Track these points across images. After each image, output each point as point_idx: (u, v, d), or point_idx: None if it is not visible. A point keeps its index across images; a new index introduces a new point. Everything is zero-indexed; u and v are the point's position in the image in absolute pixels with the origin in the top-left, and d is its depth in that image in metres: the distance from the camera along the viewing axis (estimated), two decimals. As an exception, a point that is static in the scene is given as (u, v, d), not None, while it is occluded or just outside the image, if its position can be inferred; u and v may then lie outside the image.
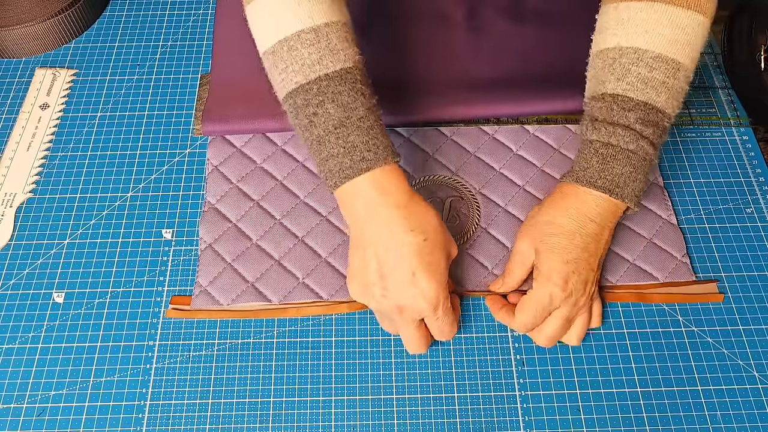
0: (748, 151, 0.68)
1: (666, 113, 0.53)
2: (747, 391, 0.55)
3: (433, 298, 0.51)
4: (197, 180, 0.66)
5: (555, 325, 0.54)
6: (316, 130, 0.52)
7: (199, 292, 0.59)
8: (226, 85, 0.71)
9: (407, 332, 0.54)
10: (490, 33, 0.75)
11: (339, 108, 0.51)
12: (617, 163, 0.52)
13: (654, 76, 0.52)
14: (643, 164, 0.53)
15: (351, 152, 0.51)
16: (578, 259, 0.52)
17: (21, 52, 0.76)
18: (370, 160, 0.51)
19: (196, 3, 0.81)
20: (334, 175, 0.52)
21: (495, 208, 0.64)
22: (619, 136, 0.53)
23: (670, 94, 0.53)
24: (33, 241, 0.63)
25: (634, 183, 0.53)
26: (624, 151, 0.52)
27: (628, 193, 0.53)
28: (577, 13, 0.77)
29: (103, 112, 0.71)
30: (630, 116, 0.52)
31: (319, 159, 0.53)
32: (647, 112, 0.52)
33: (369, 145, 0.51)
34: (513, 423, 0.54)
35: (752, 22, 0.70)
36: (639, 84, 0.52)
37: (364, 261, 0.52)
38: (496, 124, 0.69)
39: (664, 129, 0.53)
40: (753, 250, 0.62)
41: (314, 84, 0.51)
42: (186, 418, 0.54)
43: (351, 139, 0.51)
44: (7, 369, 0.56)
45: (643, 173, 0.53)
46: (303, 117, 0.52)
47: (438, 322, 0.53)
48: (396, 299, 0.51)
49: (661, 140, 0.54)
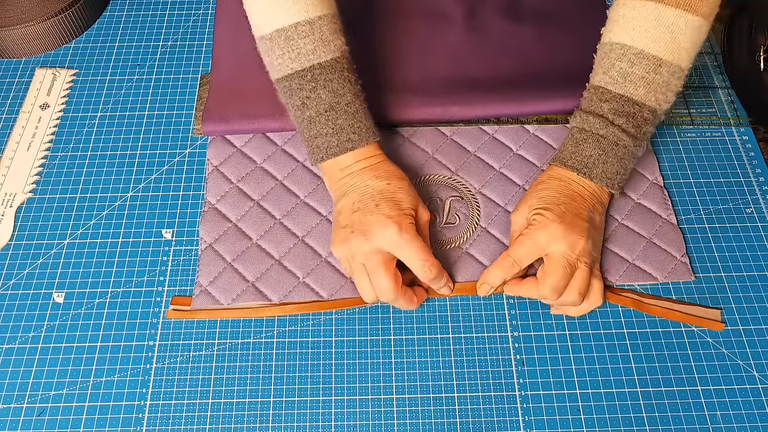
0: (748, 151, 0.68)
1: (646, 105, 0.57)
2: (747, 391, 0.55)
3: (395, 217, 0.55)
4: (197, 180, 0.66)
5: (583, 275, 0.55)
6: (308, 112, 0.59)
7: (200, 291, 0.59)
8: (226, 85, 0.71)
9: (379, 275, 0.54)
10: (490, 33, 0.75)
11: (330, 94, 0.58)
12: (587, 146, 0.58)
13: (634, 71, 0.57)
14: (615, 149, 0.58)
15: (338, 133, 0.58)
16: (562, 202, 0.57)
17: (21, 52, 0.76)
18: (355, 140, 0.58)
19: (196, 3, 0.81)
20: (321, 151, 0.59)
21: (495, 207, 0.64)
22: (590, 122, 0.58)
23: (650, 88, 0.57)
24: (33, 241, 0.63)
25: (603, 165, 0.58)
26: (594, 135, 0.58)
27: (597, 173, 0.58)
28: (577, 13, 0.77)
29: (103, 112, 0.71)
30: (604, 106, 0.58)
31: (308, 135, 0.59)
32: (622, 104, 0.57)
33: (354, 127, 0.58)
34: (513, 423, 0.54)
35: (752, 22, 0.70)
36: (619, 78, 0.58)
37: (339, 213, 0.58)
38: (496, 123, 0.69)
39: (644, 119, 0.58)
40: (753, 250, 0.62)
41: (308, 72, 0.58)
42: (186, 418, 0.54)
43: (339, 122, 0.58)
44: (7, 369, 0.56)
45: (615, 157, 0.58)
46: (296, 98, 0.59)
47: (410, 252, 0.55)
48: (362, 228, 0.55)
49: (640, 130, 0.58)
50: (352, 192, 0.58)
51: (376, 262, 0.55)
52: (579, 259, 0.55)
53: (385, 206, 0.56)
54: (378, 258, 0.55)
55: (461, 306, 0.59)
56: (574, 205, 0.57)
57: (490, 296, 0.59)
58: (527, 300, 0.59)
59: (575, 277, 0.55)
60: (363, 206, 0.57)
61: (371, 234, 0.55)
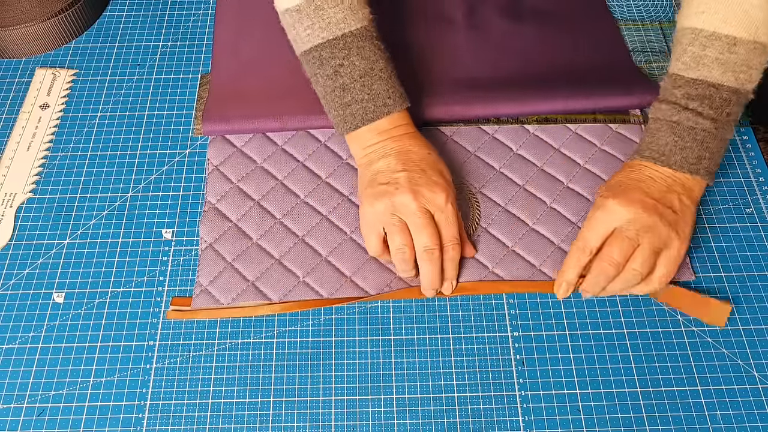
0: (748, 151, 0.68)
1: (724, 86, 0.56)
2: (747, 391, 0.55)
3: (444, 185, 0.58)
4: (197, 180, 0.66)
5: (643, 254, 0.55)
6: (341, 79, 0.59)
7: (200, 291, 0.59)
8: (226, 85, 0.71)
9: (422, 230, 0.56)
10: (490, 32, 0.75)
11: (363, 60, 0.59)
12: (662, 134, 0.58)
13: (707, 54, 0.56)
14: (692, 133, 0.57)
15: (375, 99, 0.59)
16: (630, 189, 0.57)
17: (21, 52, 0.76)
18: (390, 105, 0.60)
19: (196, 3, 0.81)
20: (356, 118, 0.60)
21: (495, 207, 0.64)
22: (663, 111, 0.58)
23: (726, 68, 0.56)
24: (33, 241, 0.63)
25: (682, 151, 0.57)
26: (668, 123, 0.58)
27: (676, 160, 0.57)
28: (577, 13, 0.77)
29: (103, 112, 0.71)
30: (677, 93, 0.58)
31: (340, 104, 0.60)
32: (696, 87, 0.57)
33: (389, 92, 0.60)
34: (513, 423, 0.54)
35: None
36: (692, 63, 0.57)
37: (376, 171, 0.59)
38: (496, 123, 0.69)
39: (724, 100, 0.57)
40: (753, 250, 0.62)
41: (340, 40, 0.59)
42: (186, 418, 0.54)
43: (375, 87, 0.59)
44: (7, 369, 0.56)
45: (694, 141, 0.57)
46: (328, 67, 0.59)
47: (449, 225, 0.57)
48: (411, 187, 0.57)
49: (721, 111, 0.57)
50: (393, 154, 0.59)
51: (423, 219, 0.57)
52: (639, 234, 0.54)
53: (432, 173, 0.58)
54: (425, 216, 0.57)
55: (461, 306, 0.59)
56: (640, 186, 0.57)
57: (490, 296, 0.59)
58: (527, 300, 0.59)
59: (635, 255, 0.55)
60: (409, 168, 0.58)
61: (420, 194, 0.57)
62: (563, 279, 0.58)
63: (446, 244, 0.58)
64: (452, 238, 0.58)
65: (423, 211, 0.57)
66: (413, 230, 0.57)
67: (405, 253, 0.57)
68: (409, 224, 0.57)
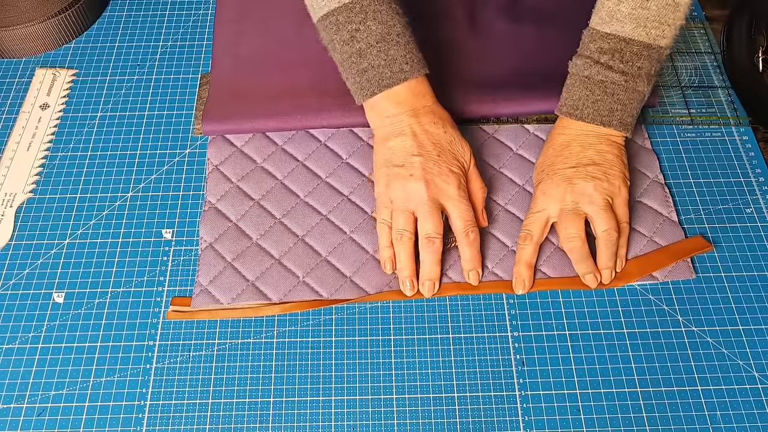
0: (748, 151, 0.68)
1: (635, 40, 0.58)
2: (747, 391, 0.55)
3: (457, 172, 0.59)
4: (197, 180, 0.66)
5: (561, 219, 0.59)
6: (358, 44, 0.58)
7: (200, 291, 0.59)
8: (226, 85, 0.71)
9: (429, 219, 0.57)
10: (490, 32, 0.75)
11: (380, 25, 0.58)
12: (575, 89, 0.61)
13: (620, 9, 0.58)
14: (601, 86, 0.59)
15: (391, 64, 0.59)
16: (552, 164, 0.61)
17: (21, 52, 0.76)
18: (407, 71, 0.59)
19: (196, 3, 0.81)
20: (373, 84, 0.59)
21: (495, 207, 0.64)
22: (577, 66, 0.61)
23: (638, 23, 0.58)
24: (33, 241, 0.63)
25: (594, 104, 0.60)
26: (580, 77, 0.60)
27: (588, 113, 0.60)
28: (576, 12, 0.77)
29: (103, 112, 0.71)
30: (591, 46, 0.60)
31: (357, 70, 0.59)
32: (608, 41, 0.59)
33: (406, 58, 0.59)
34: (513, 423, 0.54)
35: (752, 22, 0.70)
36: (606, 17, 0.59)
37: (392, 151, 0.59)
38: (496, 123, 0.69)
39: (635, 54, 0.58)
40: (753, 250, 0.62)
41: (357, 3, 0.58)
42: (186, 418, 0.54)
43: (391, 52, 0.58)
44: (7, 369, 0.56)
45: (605, 94, 0.59)
46: (345, 32, 0.59)
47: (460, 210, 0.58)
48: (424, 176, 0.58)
49: (632, 65, 0.59)
50: (410, 134, 0.59)
51: (431, 209, 0.57)
52: (578, 205, 0.58)
53: (447, 157, 0.59)
54: (433, 206, 0.58)
55: (461, 306, 0.59)
56: (560, 157, 0.60)
57: (490, 296, 0.59)
58: (527, 300, 0.59)
59: (594, 222, 0.59)
60: (425, 153, 0.59)
61: (433, 184, 0.58)
62: (516, 275, 0.59)
63: (463, 231, 0.58)
64: (467, 223, 0.58)
65: (432, 201, 0.58)
66: (420, 218, 0.58)
67: (404, 236, 0.58)
68: (416, 212, 0.58)
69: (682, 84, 0.74)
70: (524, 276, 0.59)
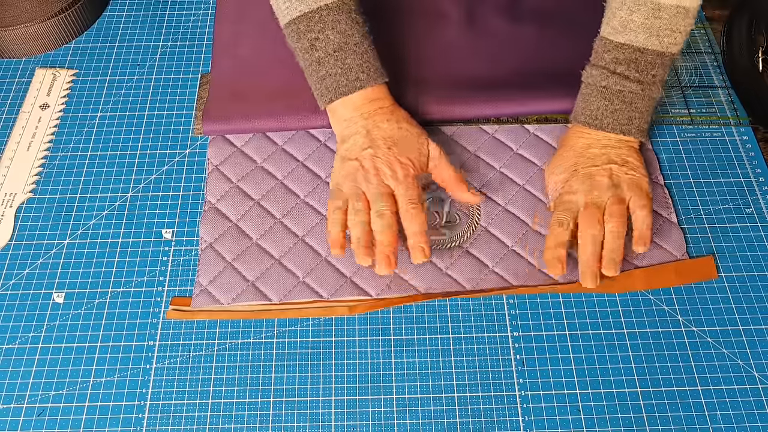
0: (748, 151, 0.68)
1: (648, 50, 0.60)
2: (747, 391, 0.55)
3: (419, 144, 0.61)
4: (197, 180, 0.66)
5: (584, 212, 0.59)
6: (317, 53, 0.60)
7: (200, 291, 0.59)
8: (226, 85, 0.71)
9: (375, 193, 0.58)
10: (489, 32, 0.75)
11: (338, 34, 0.60)
12: (593, 99, 0.62)
13: (633, 19, 0.59)
14: (619, 96, 0.61)
15: (347, 73, 0.60)
16: (575, 164, 0.62)
17: (21, 52, 0.76)
18: (363, 79, 0.61)
19: (196, 3, 0.81)
20: (330, 92, 0.61)
21: (495, 207, 0.64)
22: (593, 76, 0.62)
23: (651, 32, 0.59)
24: (33, 241, 0.63)
25: (613, 114, 0.61)
26: (598, 87, 0.62)
27: (608, 123, 0.62)
28: (576, 12, 0.77)
29: (103, 112, 0.71)
30: (606, 57, 0.61)
31: (317, 77, 0.61)
32: (623, 52, 0.60)
33: (363, 67, 0.61)
34: (513, 423, 0.54)
35: (752, 22, 0.70)
36: (620, 27, 0.60)
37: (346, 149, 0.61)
38: (496, 123, 0.69)
39: (649, 63, 0.60)
40: (753, 250, 0.62)
41: (316, 13, 0.59)
42: (186, 418, 0.54)
43: (348, 61, 0.60)
44: (7, 369, 0.56)
45: (623, 103, 0.61)
46: (305, 41, 0.60)
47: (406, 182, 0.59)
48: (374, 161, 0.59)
49: (647, 74, 0.60)
50: (363, 132, 0.61)
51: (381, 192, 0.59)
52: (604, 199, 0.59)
53: (398, 149, 0.60)
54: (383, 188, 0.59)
55: (461, 306, 0.59)
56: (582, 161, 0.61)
57: (490, 296, 0.59)
58: (527, 300, 0.59)
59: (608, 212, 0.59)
60: (375, 146, 0.60)
61: (381, 171, 0.59)
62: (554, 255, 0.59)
63: (404, 207, 0.59)
64: (409, 201, 0.59)
65: (382, 185, 0.59)
66: (370, 199, 0.59)
67: (359, 213, 0.58)
68: (368, 195, 0.59)
69: (682, 84, 0.74)
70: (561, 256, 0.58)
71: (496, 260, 0.61)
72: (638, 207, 0.60)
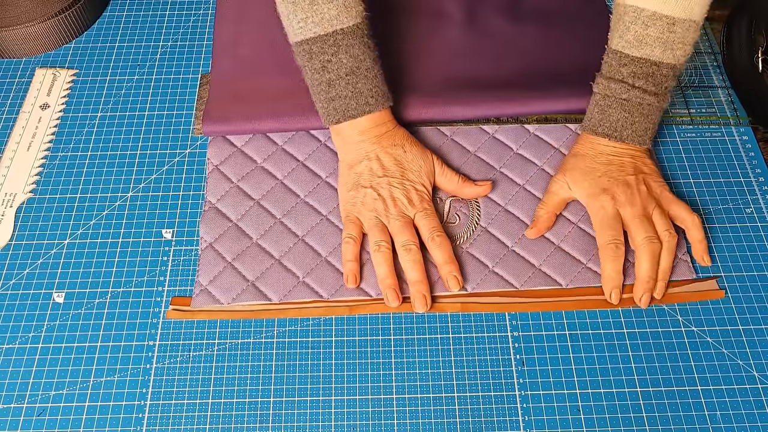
0: (748, 151, 0.68)
1: (664, 63, 0.61)
2: (747, 391, 0.55)
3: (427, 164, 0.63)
4: (197, 180, 0.66)
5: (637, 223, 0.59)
6: (328, 75, 0.61)
7: (200, 291, 0.59)
8: (226, 85, 0.71)
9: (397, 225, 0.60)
10: (490, 32, 0.75)
11: (351, 59, 0.60)
12: (613, 111, 0.62)
13: (649, 33, 0.60)
14: (640, 109, 0.62)
15: (357, 97, 0.61)
16: (606, 171, 0.62)
17: (21, 52, 0.76)
18: (372, 104, 0.62)
19: (196, 3, 0.81)
20: (339, 113, 0.62)
21: (495, 207, 0.64)
22: (612, 89, 0.62)
23: (666, 46, 0.60)
24: (33, 241, 0.63)
25: (632, 126, 0.62)
26: (618, 100, 0.62)
27: (628, 134, 0.62)
28: (577, 13, 0.77)
29: (103, 112, 0.71)
30: (623, 71, 0.61)
31: (326, 98, 0.62)
32: (641, 66, 0.61)
33: (372, 92, 0.62)
34: (513, 423, 0.54)
35: (751, 22, 0.70)
36: (635, 41, 0.60)
37: (359, 174, 0.62)
38: (496, 123, 0.69)
39: (664, 76, 0.61)
40: (753, 250, 0.62)
41: (331, 36, 0.60)
42: (186, 418, 0.54)
43: (359, 86, 0.61)
44: (7, 369, 0.56)
45: (641, 116, 0.62)
46: (317, 62, 0.61)
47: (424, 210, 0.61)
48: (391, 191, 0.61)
49: (662, 86, 0.61)
50: (374, 158, 0.62)
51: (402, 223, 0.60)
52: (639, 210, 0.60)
53: (410, 175, 0.62)
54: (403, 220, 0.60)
55: (461, 306, 0.59)
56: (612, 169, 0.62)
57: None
58: (527, 300, 0.59)
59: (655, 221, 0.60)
60: (389, 174, 0.62)
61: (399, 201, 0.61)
62: (613, 285, 0.59)
63: (429, 236, 0.60)
64: (432, 229, 0.60)
65: (401, 215, 0.60)
66: (394, 232, 0.60)
67: (382, 246, 0.59)
68: (389, 228, 0.60)
69: (682, 84, 0.74)
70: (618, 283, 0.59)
71: (496, 260, 0.61)
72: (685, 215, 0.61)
